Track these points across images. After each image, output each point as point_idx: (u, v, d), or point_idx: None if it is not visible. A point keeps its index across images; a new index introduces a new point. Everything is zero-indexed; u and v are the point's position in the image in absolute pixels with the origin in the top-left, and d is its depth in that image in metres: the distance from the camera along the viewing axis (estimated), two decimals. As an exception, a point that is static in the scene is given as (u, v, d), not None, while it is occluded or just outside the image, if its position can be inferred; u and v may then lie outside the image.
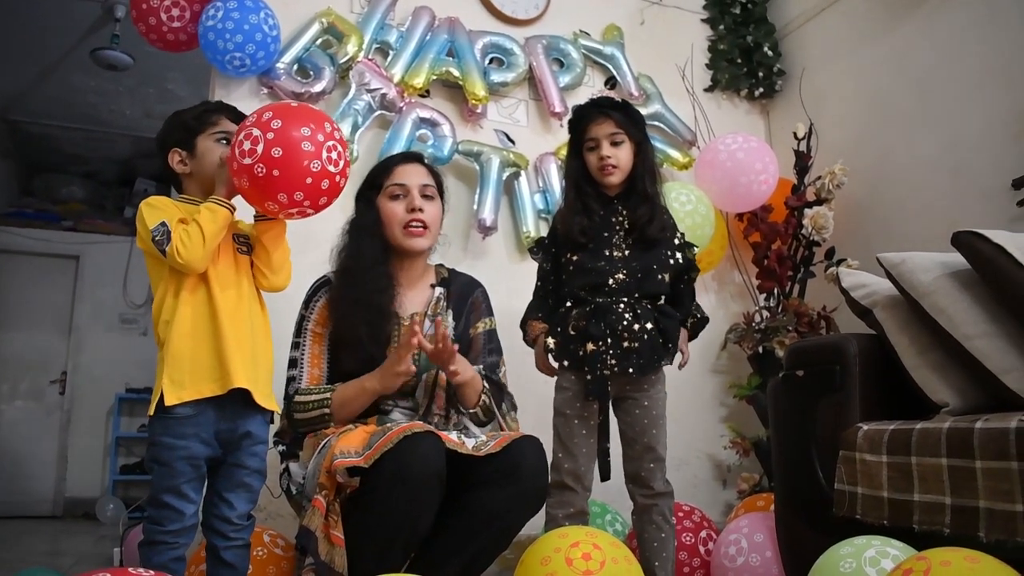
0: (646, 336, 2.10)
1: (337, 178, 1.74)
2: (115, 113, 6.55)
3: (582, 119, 2.24)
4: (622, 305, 2.10)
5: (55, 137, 7.04)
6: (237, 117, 1.86)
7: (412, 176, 2.17)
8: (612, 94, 3.53)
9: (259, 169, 1.64)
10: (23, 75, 5.93)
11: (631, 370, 2.08)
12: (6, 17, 5.07)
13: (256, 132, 1.66)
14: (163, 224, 1.67)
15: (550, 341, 2.16)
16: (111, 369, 6.87)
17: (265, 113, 1.70)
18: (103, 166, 7.65)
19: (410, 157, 2.28)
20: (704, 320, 2.32)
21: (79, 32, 5.27)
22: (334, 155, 1.72)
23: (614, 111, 2.22)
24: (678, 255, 2.25)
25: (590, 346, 2.09)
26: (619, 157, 2.18)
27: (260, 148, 1.64)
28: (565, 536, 1.66)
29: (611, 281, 2.12)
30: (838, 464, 1.95)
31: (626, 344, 2.09)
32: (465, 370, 2.00)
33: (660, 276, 2.18)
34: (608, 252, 2.16)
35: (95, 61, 5.27)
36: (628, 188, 2.23)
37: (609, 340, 2.08)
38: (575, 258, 2.18)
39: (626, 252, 2.16)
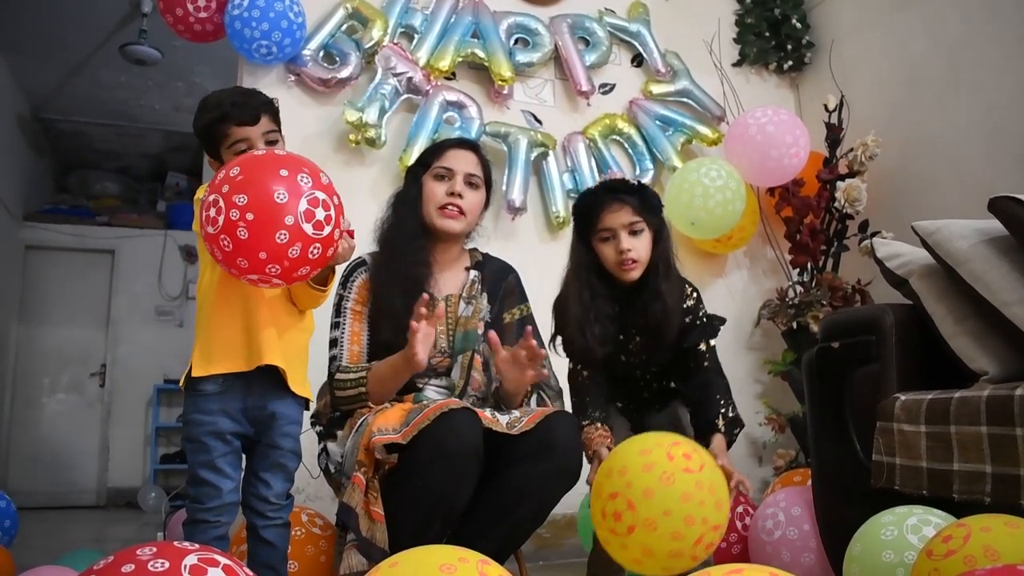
0: (670, 384, 2.18)
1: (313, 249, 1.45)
2: (145, 108, 6.64)
3: (594, 205, 2.01)
4: (643, 382, 2.16)
5: (87, 134, 7.14)
6: (244, 116, 1.76)
7: (460, 162, 2.16)
8: (638, 72, 3.51)
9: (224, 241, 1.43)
10: (53, 73, 6.02)
11: (656, 405, 2.19)
12: (35, 16, 5.14)
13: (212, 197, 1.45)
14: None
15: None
16: (149, 361, 6.98)
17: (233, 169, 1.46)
18: (135, 161, 7.76)
19: (465, 143, 2.25)
20: (737, 420, 2.02)
21: (107, 28, 5.34)
22: (319, 213, 1.44)
23: (630, 196, 1.98)
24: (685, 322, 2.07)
25: (617, 403, 2.19)
26: (639, 249, 1.96)
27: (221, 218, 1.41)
28: (662, 435, 1.62)
29: (635, 374, 2.15)
30: (875, 435, 1.93)
31: (647, 398, 2.18)
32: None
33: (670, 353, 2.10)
34: (624, 358, 2.08)
35: (124, 56, 5.33)
36: (642, 282, 2.02)
37: (636, 402, 2.18)
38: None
39: (642, 356, 2.09)
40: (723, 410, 1.98)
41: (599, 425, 1.97)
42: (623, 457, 1.56)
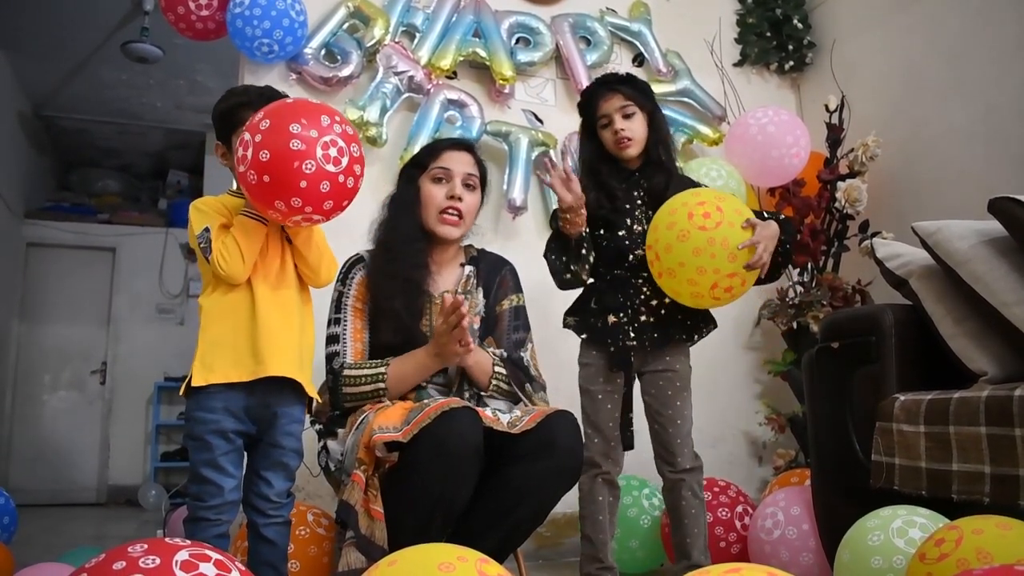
0: (663, 311, 2.14)
1: (341, 178, 1.56)
2: (146, 106, 6.64)
3: (591, 99, 2.25)
4: (641, 279, 2.13)
5: (89, 131, 7.15)
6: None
7: (458, 163, 2.18)
8: (639, 71, 3.51)
9: (251, 176, 1.53)
10: (55, 71, 6.03)
11: (647, 343, 2.12)
12: (36, 14, 5.15)
13: (247, 136, 1.54)
14: (206, 231, 1.68)
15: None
16: (150, 359, 6.99)
17: (258, 115, 1.57)
18: (136, 159, 7.76)
19: (461, 144, 2.26)
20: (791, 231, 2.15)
21: (109, 26, 5.34)
22: (332, 152, 1.53)
23: (621, 85, 2.22)
24: None
25: (611, 318, 2.14)
26: (633, 129, 2.18)
27: (250, 153, 1.52)
28: (697, 194, 1.99)
29: (631, 256, 2.15)
30: (875, 435, 1.94)
31: (643, 318, 2.14)
32: (476, 353, 2.01)
33: None
34: (629, 222, 2.18)
35: (126, 54, 5.34)
36: (645, 160, 2.24)
37: (630, 312, 2.13)
38: (595, 235, 2.18)
39: (647, 225, 2.14)
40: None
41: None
42: (658, 215, 1.98)
